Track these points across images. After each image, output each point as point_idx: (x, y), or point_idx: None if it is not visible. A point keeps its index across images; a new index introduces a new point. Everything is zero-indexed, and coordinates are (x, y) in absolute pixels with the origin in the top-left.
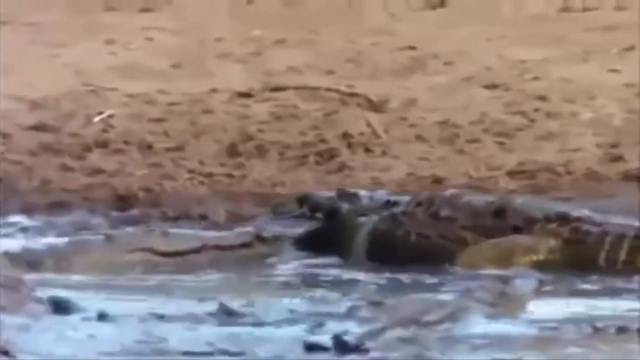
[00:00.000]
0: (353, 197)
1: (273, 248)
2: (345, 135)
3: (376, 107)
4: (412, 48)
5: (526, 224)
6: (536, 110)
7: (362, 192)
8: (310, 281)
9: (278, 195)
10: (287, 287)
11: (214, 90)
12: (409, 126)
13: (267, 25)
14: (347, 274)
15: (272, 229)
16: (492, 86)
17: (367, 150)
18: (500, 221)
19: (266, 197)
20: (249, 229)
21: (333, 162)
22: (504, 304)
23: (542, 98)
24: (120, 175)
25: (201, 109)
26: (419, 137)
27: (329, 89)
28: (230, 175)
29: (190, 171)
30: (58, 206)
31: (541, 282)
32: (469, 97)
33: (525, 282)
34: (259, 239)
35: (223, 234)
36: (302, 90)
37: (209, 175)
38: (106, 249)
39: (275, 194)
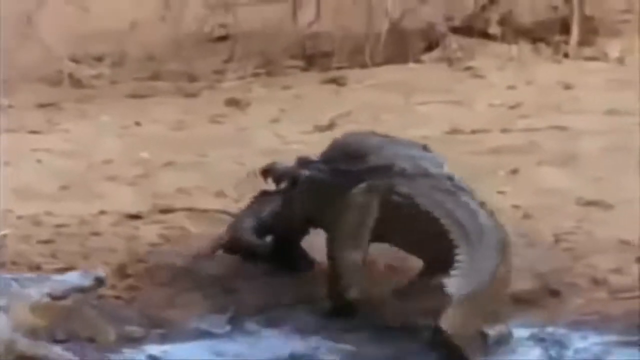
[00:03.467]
0: (311, 164)
1: None
2: None
3: None
4: None
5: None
6: None
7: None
8: None
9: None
10: None
11: (102, 212)
12: None
13: (156, 147)
14: None
15: None
16: None
17: None
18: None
19: (156, 320)
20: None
21: None
22: None
23: None
24: None
25: (89, 231)
26: None
27: (218, 211)
28: (119, 297)
29: None
30: None
31: None
32: None
33: None
34: None
35: None
36: (192, 212)
37: (98, 296)
38: None
39: (167, 318)
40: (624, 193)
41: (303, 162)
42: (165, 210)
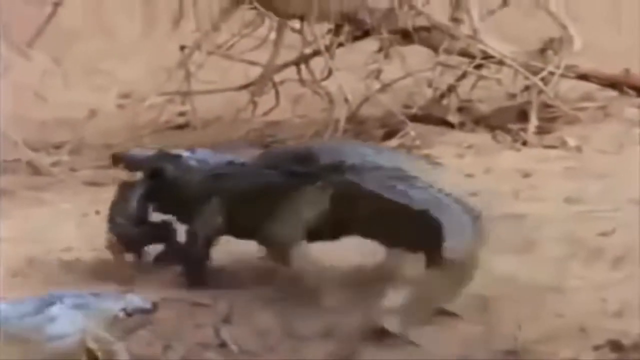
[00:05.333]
0: (176, 159)
1: None
2: None
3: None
4: None
5: None
6: None
7: (185, 154)
8: None
9: None
10: None
11: None
12: None
13: None
14: None
15: None
16: None
17: None
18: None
19: None
20: None
21: None
22: None
23: None
24: None
25: None
26: None
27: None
28: None
29: None
30: None
31: None
32: None
33: None
34: None
35: None
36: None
37: None
38: None
39: None
40: (581, 280)
41: (167, 156)
42: None
